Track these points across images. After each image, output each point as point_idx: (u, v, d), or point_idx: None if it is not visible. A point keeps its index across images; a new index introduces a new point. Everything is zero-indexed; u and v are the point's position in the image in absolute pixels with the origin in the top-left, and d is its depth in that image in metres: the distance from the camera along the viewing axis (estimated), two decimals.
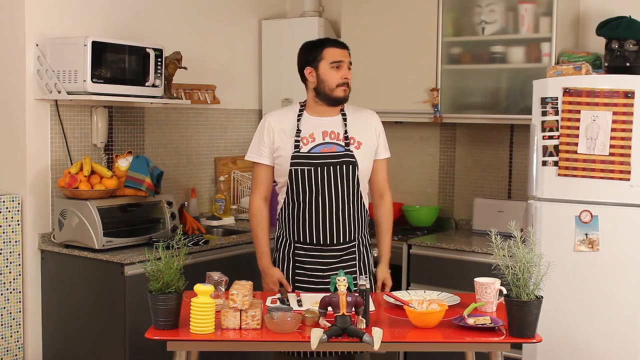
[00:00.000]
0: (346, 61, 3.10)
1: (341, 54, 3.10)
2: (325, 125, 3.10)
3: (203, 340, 2.44)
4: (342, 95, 3.09)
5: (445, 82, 4.23)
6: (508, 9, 4.05)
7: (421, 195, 4.71)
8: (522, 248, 2.43)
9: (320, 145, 3.07)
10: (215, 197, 4.67)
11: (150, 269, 2.48)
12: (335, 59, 3.08)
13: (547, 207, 3.53)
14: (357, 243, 3.15)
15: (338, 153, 3.06)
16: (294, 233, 3.11)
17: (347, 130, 3.10)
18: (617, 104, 3.34)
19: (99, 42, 3.62)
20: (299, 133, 3.08)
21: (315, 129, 3.09)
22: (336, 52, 3.10)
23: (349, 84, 3.10)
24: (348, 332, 2.39)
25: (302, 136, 3.07)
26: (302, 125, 3.10)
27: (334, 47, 3.11)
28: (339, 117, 3.13)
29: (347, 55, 3.12)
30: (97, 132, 3.97)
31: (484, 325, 2.49)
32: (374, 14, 4.43)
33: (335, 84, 3.07)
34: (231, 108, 4.81)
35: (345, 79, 3.08)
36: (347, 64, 3.10)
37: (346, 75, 3.08)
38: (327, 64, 3.08)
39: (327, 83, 3.07)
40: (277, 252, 3.19)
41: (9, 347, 3.74)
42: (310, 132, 3.08)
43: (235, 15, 4.82)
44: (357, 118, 3.16)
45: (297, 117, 3.12)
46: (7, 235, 3.69)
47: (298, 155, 3.05)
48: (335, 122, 3.12)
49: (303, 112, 3.13)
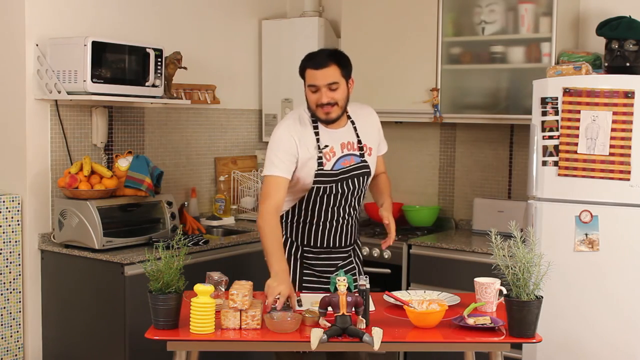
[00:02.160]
0: (322, 84, 2.88)
1: (316, 76, 2.89)
2: (341, 137, 3.02)
3: (203, 340, 2.44)
4: (322, 117, 2.93)
5: (445, 82, 4.23)
6: (508, 9, 4.05)
7: (421, 195, 4.71)
8: (522, 248, 2.43)
9: (341, 158, 3.01)
10: (215, 197, 4.67)
11: (150, 269, 2.49)
12: (310, 83, 2.92)
13: (547, 207, 3.53)
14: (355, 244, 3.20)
15: (356, 165, 3.03)
16: (303, 238, 3.09)
17: (359, 138, 3.06)
18: (617, 104, 3.34)
19: (99, 42, 3.62)
20: (321, 148, 2.96)
21: (334, 142, 3.00)
22: (311, 74, 2.91)
23: (332, 103, 2.90)
24: (348, 332, 2.39)
25: (324, 151, 2.97)
26: (322, 139, 2.97)
27: (311, 69, 2.91)
28: (349, 126, 3.06)
29: (327, 77, 2.88)
30: (97, 132, 3.97)
31: (484, 325, 2.49)
32: (374, 14, 4.43)
33: (314, 105, 2.93)
34: (231, 108, 4.81)
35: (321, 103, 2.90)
36: (324, 87, 2.89)
37: (320, 100, 2.89)
38: (307, 87, 2.95)
39: (309, 104, 2.97)
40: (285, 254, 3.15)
41: (9, 347, 3.74)
42: (331, 147, 2.99)
43: (235, 15, 4.82)
44: (362, 121, 3.11)
45: (313, 130, 2.99)
46: (7, 235, 3.69)
47: (323, 173, 2.96)
48: (348, 131, 3.05)
49: (318, 125, 2.99)
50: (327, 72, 2.89)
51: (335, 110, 2.93)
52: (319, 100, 2.91)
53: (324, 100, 2.89)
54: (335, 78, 2.90)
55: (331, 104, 2.91)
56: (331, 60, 2.92)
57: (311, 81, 2.91)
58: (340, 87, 2.92)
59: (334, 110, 2.93)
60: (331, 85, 2.90)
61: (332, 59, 2.92)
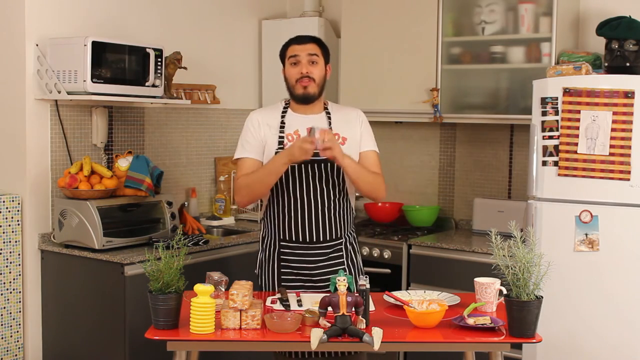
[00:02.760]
0: (303, 55, 3.01)
1: (299, 49, 3.03)
2: (309, 122, 3.05)
3: (203, 340, 2.44)
4: (300, 92, 3.02)
5: (445, 82, 4.23)
6: (508, 9, 4.05)
7: (421, 195, 4.71)
8: (522, 248, 2.43)
9: None
10: (215, 197, 4.67)
11: (150, 269, 2.48)
12: (291, 54, 3.04)
13: (547, 207, 3.53)
14: (344, 241, 3.11)
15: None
16: (279, 231, 3.08)
17: (331, 127, 3.07)
18: (617, 104, 3.34)
19: (99, 42, 3.62)
20: (283, 129, 3.05)
21: (299, 126, 3.06)
22: (294, 48, 3.05)
23: (310, 77, 3.01)
24: (348, 332, 2.39)
25: (286, 132, 3.05)
26: (286, 121, 3.08)
27: (294, 44, 3.06)
28: (323, 115, 3.11)
29: (308, 49, 3.02)
30: (97, 132, 3.97)
31: (484, 325, 2.49)
32: (374, 14, 4.43)
33: (293, 80, 3.03)
34: (231, 108, 4.81)
35: (301, 74, 3.00)
36: (305, 58, 3.01)
37: (301, 71, 3.00)
38: (287, 61, 3.07)
39: (288, 81, 3.07)
40: (263, 252, 3.15)
41: (9, 347, 3.74)
42: (295, 129, 3.05)
43: (235, 15, 4.82)
44: (341, 115, 3.14)
45: (281, 113, 3.10)
46: (7, 235, 3.69)
47: None
48: (320, 119, 3.09)
49: (288, 109, 3.11)
50: (308, 46, 3.05)
51: (312, 86, 3.02)
52: (299, 72, 3.01)
53: (303, 70, 3.00)
54: (316, 51, 3.04)
55: (309, 77, 3.01)
56: (313, 40, 3.10)
57: (293, 53, 3.04)
58: (319, 64, 3.05)
59: (311, 86, 3.02)
60: (312, 56, 3.02)
61: (314, 39, 3.11)
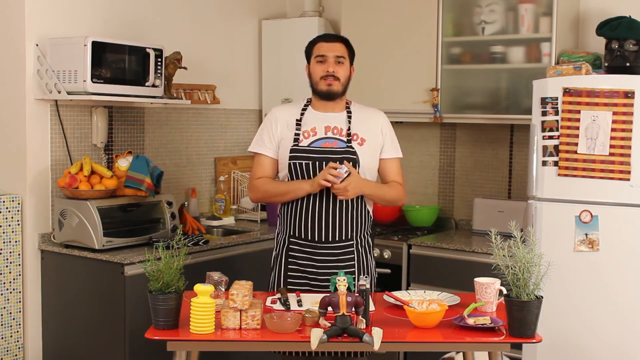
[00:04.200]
0: (330, 55, 3.06)
1: (326, 48, 3.08)
2: (328, 120, 3.08)
3: (203, 340, 2.44)
4: (324, 89, 3.06)
5: (445, 82, 4.23)
6: (508, 9, 4.05)
7: (421, 195, 4.71)
8: (522, 248, 2.43)
9: (322, 139, 3.05)
10: (215, 197, 4.67)
11: (150, 269, 2.48)
12: (319, 53, 3.08)
13: (547, 207, 3.53)
14: (356, 243, 3.09)
15: (339, 149, 3.03)
16: (290, 227, 3.09)
17: (350, 126, 3.08)
18: (617, 104, 3.34)
19: (99, 42, 3.62)
20: (300, 126, 3.07)
21: (317, 124, 3.08)
22: (321, 46, 3.10)
23: (336, 76, 3.05)
24: (348, 332, 2.39)
25: (303, 129, 3.07)
26: (305, 118, 3.09)
27: (322, 42, 3.12)
28: (343, 114, 3.12)
29: (336, 49, 3.08)
30: (97, 132, 3.97)
31: (484, 325, 2.49)
32: (374, 14, 4.43)
33: (318, 77, 3.08)
34: (231, 108, 4.81)
35: (327, 72, 3.05)
36: (332, 57, 3.06)
37: (327, 69, 3.05)
38: (314, 59, 3.10)
39: (313, 78, 3.11)
40: (276, 250, 3.17)
41: (9, 347, 3.74)
42: (312, 127, 3.07)
43: (235, 15, 4.82)
44: (363, 116, 3.14)
45: (301, 111, 3.12)
46: (7, 235, 3.69)
47: (297, 149, 3.04)
48: (339, 118, 3.10)
49: (308, 107, 3.14)
50: (336, 46, 3.11)
51: (336, 84, 3.06)
52: (325, 69, 3.06)
53: (330, 69, 3.05)
54: (343, 53, 3.10)
55: (335, 77, 3.06)
56: (341, 40, 3.17)
57: (321, 52, 3.08)
58: (344, 65, 3.10)
59: (336, 84, 3.06)
60: (339, 58, 3.08)
61: (342, 39, 3.18)
